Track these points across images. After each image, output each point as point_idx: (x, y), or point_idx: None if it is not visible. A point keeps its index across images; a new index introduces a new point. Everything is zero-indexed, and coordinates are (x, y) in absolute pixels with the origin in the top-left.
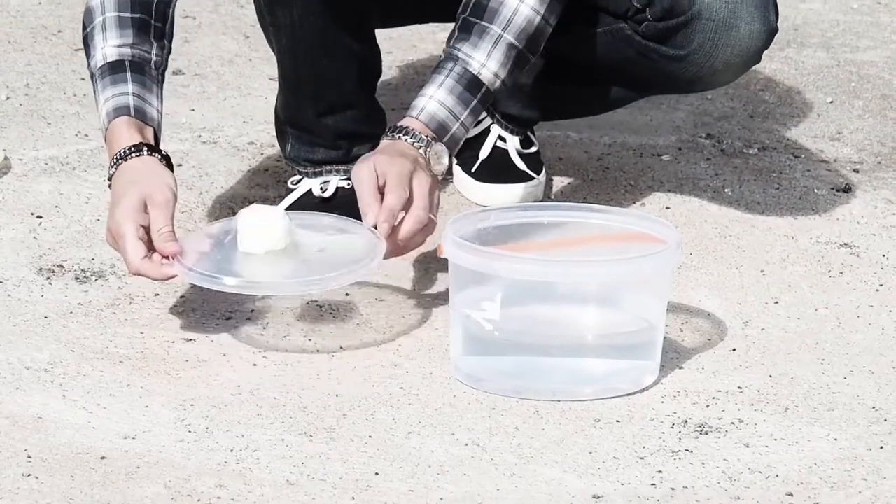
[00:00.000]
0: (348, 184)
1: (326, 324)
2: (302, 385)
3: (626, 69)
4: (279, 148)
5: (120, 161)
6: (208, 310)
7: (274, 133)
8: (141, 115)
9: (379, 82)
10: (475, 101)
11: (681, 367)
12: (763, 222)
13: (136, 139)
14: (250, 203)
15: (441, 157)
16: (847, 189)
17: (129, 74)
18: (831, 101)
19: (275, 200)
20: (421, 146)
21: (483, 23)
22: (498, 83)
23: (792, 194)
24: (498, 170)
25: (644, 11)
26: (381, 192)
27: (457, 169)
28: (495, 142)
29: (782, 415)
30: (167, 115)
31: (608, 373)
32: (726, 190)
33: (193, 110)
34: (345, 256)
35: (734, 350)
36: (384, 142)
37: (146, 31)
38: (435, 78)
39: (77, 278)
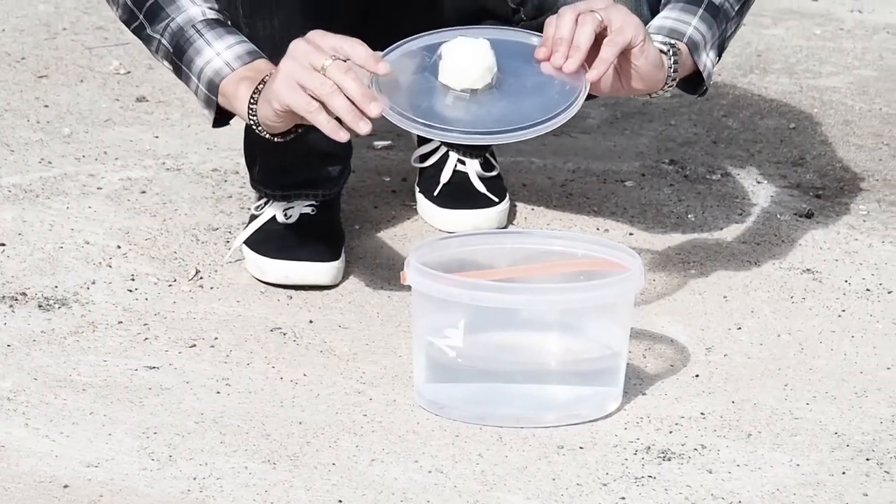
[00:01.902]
0: (313, 210)
1: (289, 351)
2: (265, 413)
3: None
4: (246, 171)
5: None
6: (172, 337)
7: (238, 160)
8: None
9: None
10: (700, 10)
11: (644, 394)
12: (726, 248)
13: None
14: (213, 230)
15: (686, 60)
16: (810, 215)
17: (233, 28)
18: (794, 127)
19: (238, 228)
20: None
21: None
22: (727, 4)
23: (755, 220)
24: (459, 195)
25: (519, 11)
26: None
27: (419, 195)
28: (455, 166)
29: (745, 441)
30: (130, 143)
31: (571, 399)
32: (690, 216)
33: (157, 137)
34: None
35: (697, 376)
36: None
37: None
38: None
39: (40, 306)
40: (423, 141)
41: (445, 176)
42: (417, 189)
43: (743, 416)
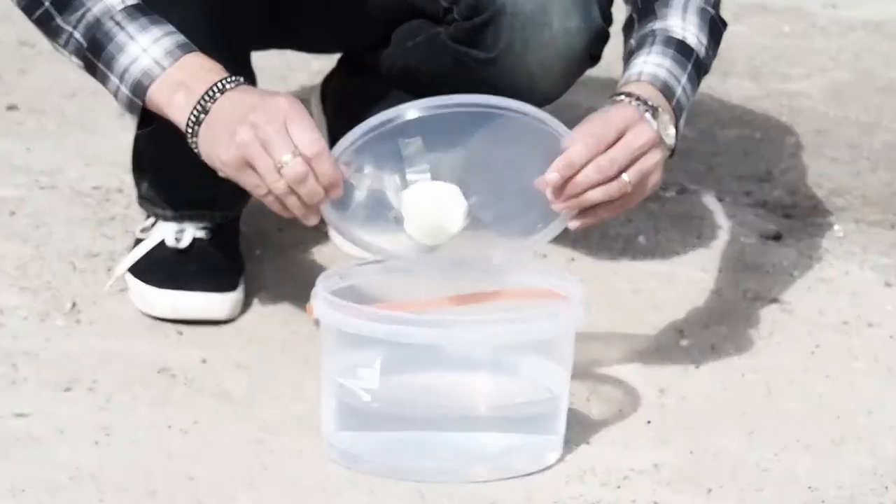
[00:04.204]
0: (207, 233)
1: (179, 394)
2: (150, 466)
3: (447, 80)
4: (132, 188)
5: (228, 86)
6: (44, 380)
7: (122, 177)
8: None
9: None
10: (690, 67)
11: (588, 443)
12: (682, 275)
13: (224, 72)
14: (93, 257)
15: (668, 128)
16: (778, 237)
17: (158, 17)
18: (760, 138)
19: (121, 253)
20: (646, 110)
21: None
22: (703, 51)
23: (715, 243)
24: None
25: (452, 11)
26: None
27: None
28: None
29: (705, 496)
30: None
31: (504, 449)
32: (640, 238)
33: (30, 150)
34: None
35: (649, 422)
36: (603, 107)
37: None
38: (637, 54)
39: None
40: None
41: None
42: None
43: (702, 469)
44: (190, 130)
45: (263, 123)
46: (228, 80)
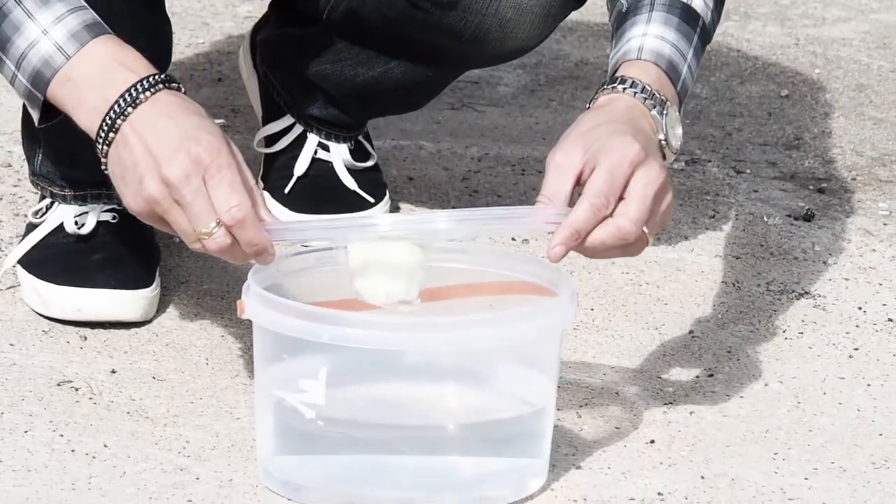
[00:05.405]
0: (114, 216)
1: (84, 413)
2: (51, 499)
3: (399, 27)
4: (23, 162)
5: (141, 96)
6: None
7: (11, 148)
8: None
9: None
10: (696, 38)
11: (578, 467)
12: (693, 264)
13: (149, 67)
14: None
15: (676, 128)
16: (809, 217)
17: None
18: (786, 95)
19: (11, 242)
20: (654, 106)
21: None
22: (709, 17)
23: (733, 224)
24: (320, 193)
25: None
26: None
27: (264, 194)
28: (315, 152)
29: None
30: None
31: (479, 476)
32: None
33: None
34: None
35: (652, 442)
36: (601, 98)
37: None
38: (634, 20)
39: None
40: (270, 116)
41: (301, 167)
42: (262, 185)
43: (716, 497)
44: (99, 148)
45: (178, 183)
46: (143, 83)
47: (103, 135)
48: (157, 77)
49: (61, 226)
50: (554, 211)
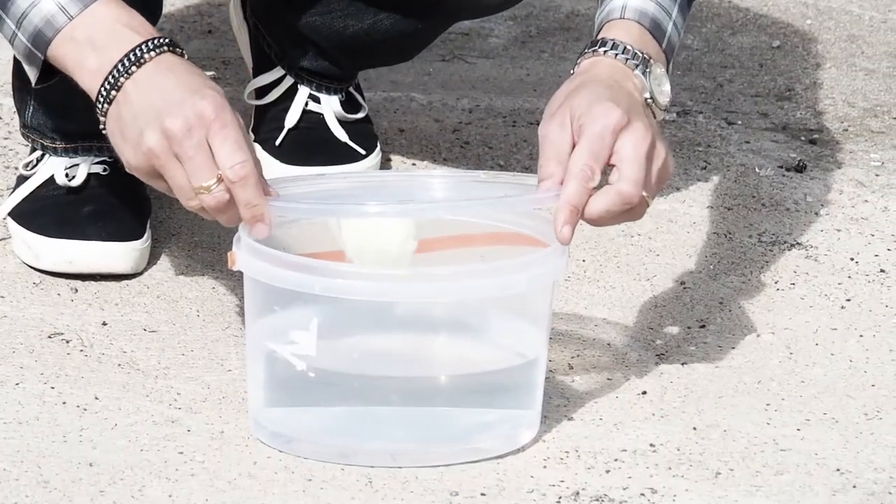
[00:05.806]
0: (105, 169)
1: (75, 365)
2: (42, 451)
3: None
4: (13, 114)
5: (146, 56)
6: None
7: (2, 97)
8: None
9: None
10: None
11: (570, 419)
12: (685, 215)
13: (153, 31)
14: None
15: (662, 84)
16: (801, 168)
17: None
18: (778, 46)
19: (2, 194)
20: (637, 65)
21: None
22: None
23: (725, 175)
24: (311, 145)
25: None
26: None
27: (255, 146)
28: (305, 104)
29: (712, 482)
30: None
31: (469, 427)
32: None
33: None
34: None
35: (644, 393)
36: (583, 62)
37: None
38: None
39: None
40: (261, 68)
41: (292, 118)
42: (252, 137)
43: (709, 449)
44: (99, 107)
45: (180, 135)
46: (148, 44)
47: (105, 93)
48: (161, 40)
49: (52, 178)
50: (544, 194)
